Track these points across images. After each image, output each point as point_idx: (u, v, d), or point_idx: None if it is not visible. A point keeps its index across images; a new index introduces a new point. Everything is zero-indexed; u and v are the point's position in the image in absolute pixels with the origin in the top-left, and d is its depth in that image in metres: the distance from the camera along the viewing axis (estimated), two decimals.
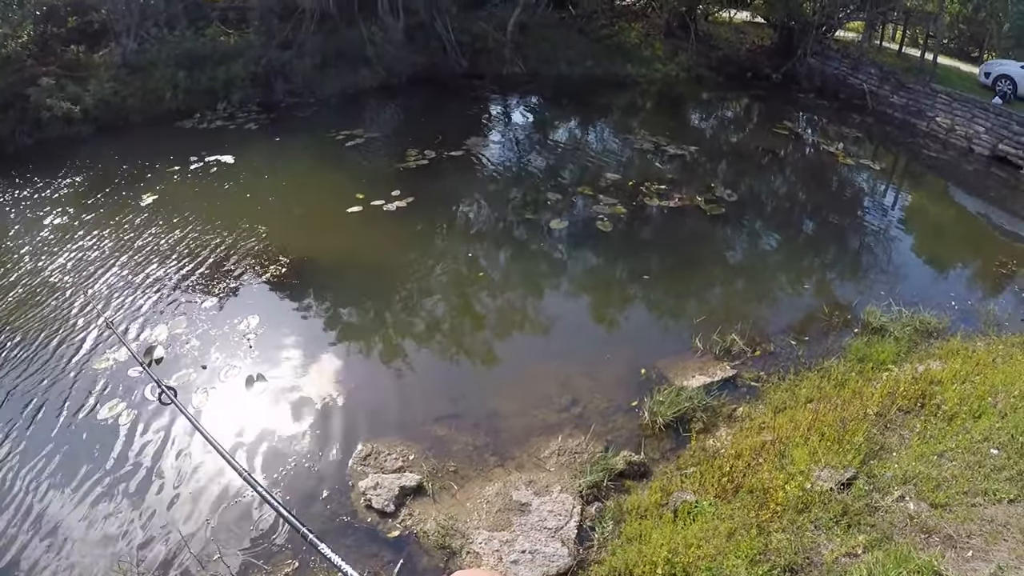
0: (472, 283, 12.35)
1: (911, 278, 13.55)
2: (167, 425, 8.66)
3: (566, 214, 14.95)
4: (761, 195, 17.75)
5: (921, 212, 18.30)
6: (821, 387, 9.37)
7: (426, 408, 9.16)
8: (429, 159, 17.27)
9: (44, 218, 13.91)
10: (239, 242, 12.95)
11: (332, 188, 15.62)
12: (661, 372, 9.89)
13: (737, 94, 27.48)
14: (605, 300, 12.19)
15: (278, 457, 8.24)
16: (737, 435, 8.49)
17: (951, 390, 8.69)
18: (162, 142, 17.91)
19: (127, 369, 9.61)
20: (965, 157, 21.84)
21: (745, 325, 10.91)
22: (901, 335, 10.77)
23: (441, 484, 7.86)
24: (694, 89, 27.35)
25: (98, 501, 7.63)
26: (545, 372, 9.88)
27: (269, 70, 21.42)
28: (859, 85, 26.36)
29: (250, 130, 19.35)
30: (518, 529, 7.17)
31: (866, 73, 26.62)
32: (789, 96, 27.06)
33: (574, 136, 21.71)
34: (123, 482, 7.88)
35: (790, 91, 27.41)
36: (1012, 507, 6.53)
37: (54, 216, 13.99)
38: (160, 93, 19.77)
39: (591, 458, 8.20)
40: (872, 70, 26.57)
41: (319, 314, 11.31)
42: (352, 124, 19.50)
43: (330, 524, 7.36)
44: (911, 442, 7.71)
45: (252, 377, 9.52)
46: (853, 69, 27.16)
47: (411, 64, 23.94)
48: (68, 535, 7.25)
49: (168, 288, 11.54)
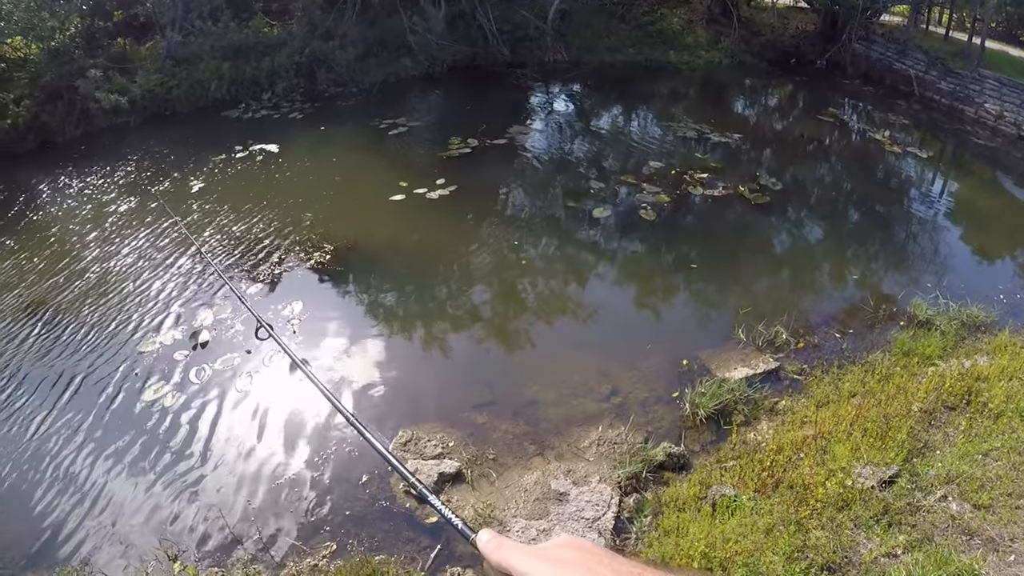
0: (514, 271, 12.38)
1: (958, 270, 13.32)
2: (209, 408, 8.86)
3: (609, 203, 14.92)
4: (806, 184, 17.60)
5: (969, 201, 17.98)
6: (865, 381, 9.28)
7: (466, 395, 9.23)
8: (472, 147, 17.31)
9: (94, 206, 14.22)
10: (284, 228, 13.11)
11: (375, 176, 15.72)
12: (703, 363, 9.87)
13: (781, 80, 27.17)
14: (647, 289, 12.16)
15: (320, 441, 8.39)
16: (778, 429, 8.46)
17: (998, 387, 8.53)
18: (208, 131, 18.18)
19: (173, 353, 9.83)
20: (1015, 144, 21.34)
21: (789, 316, 10.83)
22: (948, 329, 10.59)
23: (480, 471, 7.93)
24: (737, 76, 27.10)
25: (142, 481, 7.84)
26: (585, 361, 9.92)
27: (312, 60, 21.59)
28: (905, 71, 25.92)
29: (294, 119, 19.52)
30: (555, 518, 7.22)
31: (912, 58, 26.15)
32: (834, 82, 26.70)
33: (616, 124, 21.61)
34: (166, 462, 8.09)
35: (835, 77, 27.04)
36: None
37: (103, 204, 14.32)
38: (205, 84, 20.04)
39: (630, 449, 8.21)
40: (918, 55, 26.09)
41: (362, 301, 11.43)
42: (395, 113, 19.58)
43: (369, 508, 7.48)
44: (956, 440, 7.61)
45: (295, 363, 9.60)
46: (899, 54, 26.69)
47: (452, 53, 23.97)
48: (116, 513, 7.49)
49: (214, 274, 11.71)
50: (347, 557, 6.85)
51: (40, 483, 7.87)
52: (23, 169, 16.56)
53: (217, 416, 8.76)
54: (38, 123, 17.87)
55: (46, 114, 17.90)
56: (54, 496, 7.71)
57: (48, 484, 7.86)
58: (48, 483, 7.87)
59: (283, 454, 8.21)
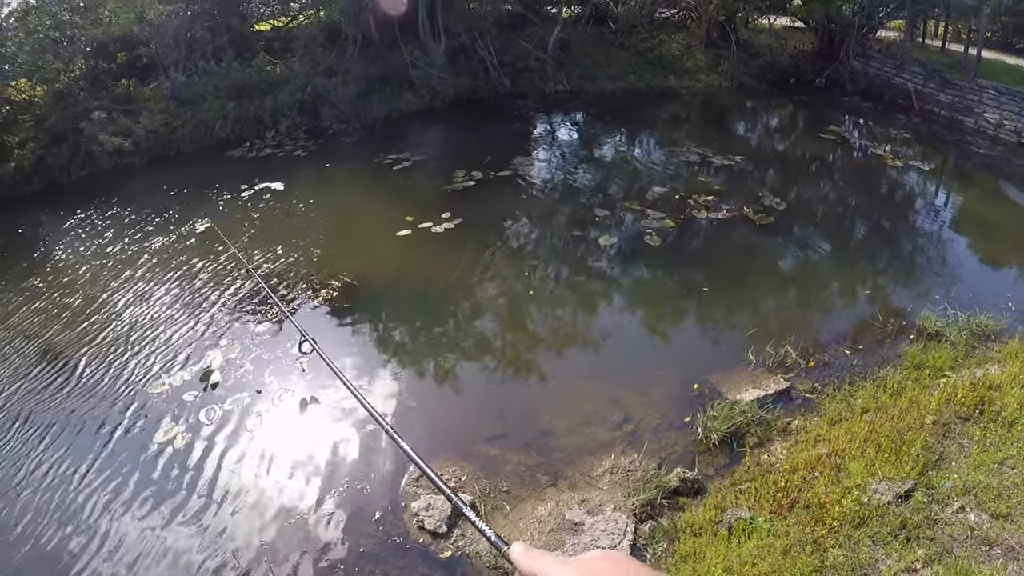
0: (522, 302, 12.42)
1: (965, 280, 13.31)
2: (220, 449, 8.88)
3: (614, 230, 14.98)
4: (810, 202, 17.64)
5: (973, 212, 18.01)
6: (877, 397, 9.25)
7: (478, 428, 9.23)
8: (476, 180, 17.39)
9: (101, 248, 14.32)
10: (291, 267, 13.18)
11: (381, 212, 15.81)
12: (714, 386, 9.86)
13: (781, 101, 27.31)
14: (655, 315, 12.18)
15: (332, 478, 8.39)
16: (792, 449, 8.43)
17: (1011, 395, 8.50)
18: (213, 171, 18.31)
19: (182, 394, 9.85)
20: (1015, 152, 21.40)
21: (798, 336, 10.83)
22: (957, 339, 10.58)
23: (493, 504, 7.92)
24: (737, 98, 27.26)
25: (156, 523, 7.85)
26: (596, 389, 9.91)
27: (315, 97, 21.76)
28: (903, 85, 26.03)
29: (299, 157, 19.65)
30: (571, 549, 7.18)
31: (910, 72, 26.25)
32: (833, 100, 26.84)
33: (619, 151, 21.74)
34: (179, 504, 8.10)
35: (834, 95, 27.18)
36: None
37: (110, 246, 14.40)
38: (210, 124, 20.21)
39: (644, 476, 8.19)
40: (916, 69, 26.18)
41: (371, 336, 11.46)
42: (398, 148, 19.69)
43: (383, 546, 7.46)
44: (971, 451, 7.59)
45: (306, 400, 9.70)
46: (897, 69, 26.81)
47: (454, 86, 24.15)
48: (130, 556, 7.48)
49: (222, 313, 11.82)
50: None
51: (53, 526, 7.88)
52: (28, 212, 16.71)
53: (228, 456, 8.77)
54: (43, 165, 18.05)
55: (51, 156, 18.09)
56: (67, 539, 7.71)
57: (60, 527, 7.87)
58: (60, 526, 7.88)
59: (295, 493, 8.21)
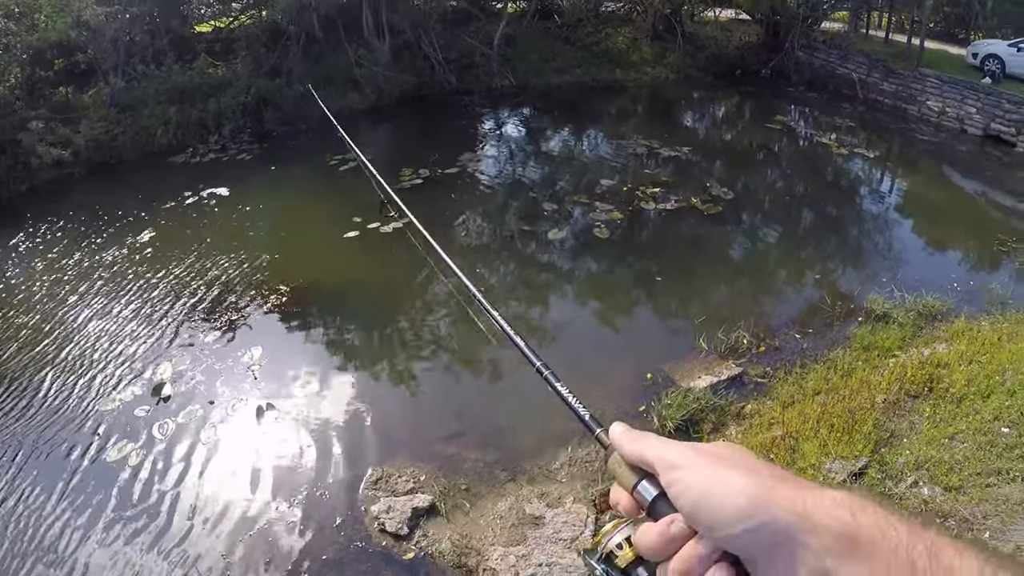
0: (473, 299, 12.29)
1: (912, 263, 13.51)
2: (176, 463, 8.65)
3: (564, 223, 14.93)
4: (758, 191, 17.75)
5: (918, 196, 18.26)
6: (828, 378, 9.31)
7: (434, 428, 9.14)
8: (424, 178, 17.24)
9: (43, 263, 13.93)
10: (239, 274, 12.94)
11: (329, 214, 15.63)
12: (667, 375, 9.85)
13: (727, 92, 27.50)
14: (606, 307, 12.17)
15: (290, 486, 8.22)
16: (747, 432, 8.45)
17: (958, 372, 8.65)
18: (156, 179, 17.93)
19: (133, 409, 9.60)
20: (958, 138, 21.85)
21: (749, 322, 10.86)
22: (905, 320, 10.72)
23: (453, 503, 7.83)
24: (684, 90, 27.39)
25: (113, 542, 7.60)
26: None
27: (259, 99, 21.42)
28: (848, 75, 26.36)
29: (243, 161, 19.34)
30: (533, 543, 7.12)
31: (854, 62, 26.59)
32: (779, 90, 27.09)
33: (567, 145, 21.76)
34: (137, 521, 7.85)
35: (780, 86, 27.44)
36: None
37: (53, 260, 14.00)
38: (151, 130, 19.75)
39: (602, 466, 8.09)
40: (860, 59, 26.53)
41: (322, 341, 11.30)
42: (344, 148, 19.33)
43: (345, 551, 7.33)
44: (921, 427, 7.68)
45: (260, 408, 9.49)
46: (841, 59, 27.15)
47: (400, 84, 23.96)
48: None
49: (171, 324, 11.52)
50: None
51: (8, 555, 7.67)
52: None
53: (184, 470, 8.54)
54: None
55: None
56: (21, 565, 7.50)
57: (14, 555, 7.63)
58: (14, 554, 7.64)
59: (254, 503, 8.04)
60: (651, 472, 1.11)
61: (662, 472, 1.08)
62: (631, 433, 1.19)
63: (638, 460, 1.13)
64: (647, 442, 1.13)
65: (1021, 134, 20.66)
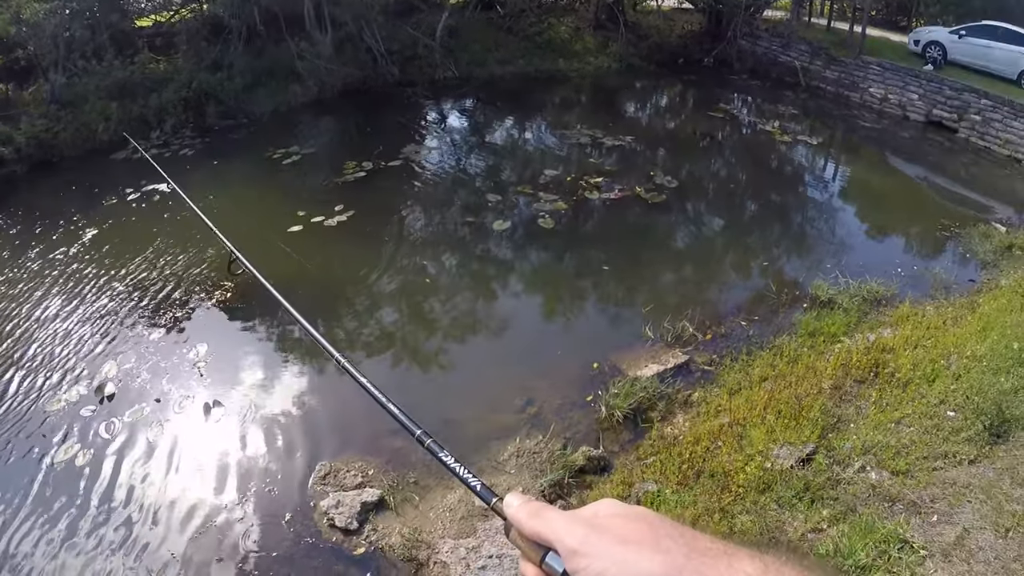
0: (418, 291, 12.19)
1: (856, 249, 13.63)
2: (123, 463, 8.43)
3: (508, 214, 14.81)
4: (702, 179, 17.80)
5: (861, 182, 18.43)
6: (774, 365, 9.35)
7: (381, 421, 8.87)
8: (367, 171, 17.00)
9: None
10: (183, 269, 12.66)
11: (272, 208, 15.35)
12: (614, 364, 9.81)
13: (670, 81, 27.60)
14: (552, 297, 12.12)
15: (238, 483, 8.07)
16: (694, 420, 8.45)
17: (904, 356, 8.75)
18: (98, 176, 17.51)
19: (79, 409, 9.34)
20: (900, 125, 22.18)
21: (695, 310, 10.87)
22: (850, 306, 10.80)
23: (403, 496, 7.74)
24: (627, 79, 27.40)
25: (60, 545, 7.39)
26: (498, 375, 9.84)
27: (200, 94, 21.00)
28: (791, 63, 26.56)
29: (186, 156, 18.93)
30: (483, 535, 7.09)
31: (797, 50, 26.82)
32: (722, 79, 27.21)
33: (510, 136, 21.63)
34: (85, 523, 7.64)
35: (722, 74, 27.56)
36: (973, 468, 6.53)
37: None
38: (92, 126, 19.26)
39: (550, 456, 8.11)
40: (803, 47, 26.77)
41: (268, 336, 11.10)
42: (287, 141, 19.19)
43: (295, 547, 7.22)
44: (868, 412, 7.72)
45: (207, 405, 9.30)
46: (784, 47, 27.36)
47: (342, 77, 23.65)
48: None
49: (114, 323, 11.23)
50: None
51: None
52: None
53: (132, 470, 8.33)
54: None
55: None
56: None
57: None
58: None
59: (203, 501, 7.86)
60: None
61: (565, 558, 1.00)
62: (528, 507, 1.11)
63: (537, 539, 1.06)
64: (545, 520, 1.05)
65: (962, 120, 20.99)
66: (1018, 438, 6.98)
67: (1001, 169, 19.10)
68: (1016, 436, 7.02)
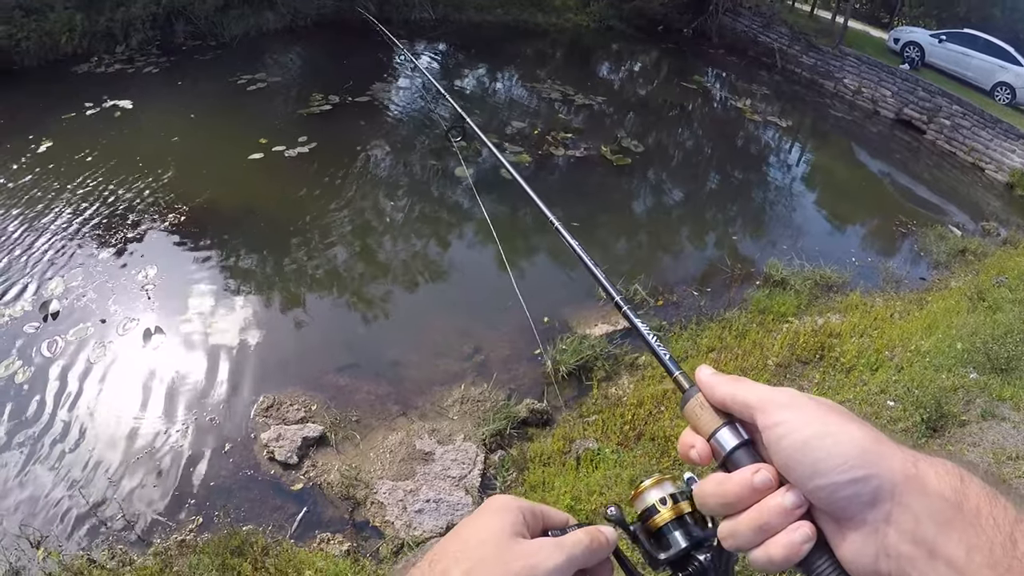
0: (374, 231, 12.08)
1: (813, 234, 13.77)
2: (64, 382, 8.26)
3: (471, 162, 14.70)
4: (668, 147, 17.84)
5: (825, 170, 18.61)
6: (723, 337, 9.43)
7: (328, 358, 8.94)
8: (333, 104, 16.77)
9: None
10: (137, 189, 12.35)
11: (234, 134, 15.06)
12: (564, 321, 9.84)
13: (647, 47, 27.50)
14: (508, 248, 11.95)
15: (180, 409, 7.95)
16: (639, 384, 8.50)
17: (850, 343, 8.88)
18: (59, 87, 17.01)
19: (22, 325, 9.10)
20: (870, 119, 22.46)
21: (648, 275, 10.93)
22: (802, 288, 10.92)
23: (344, 434, 7.69)
24: (604, 40, 27.30)
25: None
26: (447, 321, 9.79)
27: (170, 11, 20.45)
28: (769, 44, 26.64)
29: (150, 74, 18.48)
30: (422, 478, 7.10)
31: (777, 32, 26.91)
32: (700, 51, 27.24)
33: (481, 84, 21.49)
34: (21, 442, 7.48)
35: (700, 46, 27.61)
36: None
37: None
38: (56, 36, 18.76)
39: (494, 406, 8.12)
40: (783, 29, 26.87)
41: (218, 264, 10.90)
42: (255, 68, 18.83)
43: (234, 478, 7.15)
44: (809, 392, 7.74)
45: (150, 330, 9.09)
46: (764, 27, 27.42)
47: (317, 7, 23.25)
48: None
49: (63, 239, 10.91)
50: (215, 530, 6.48)
51: None
52: None
53: (72, 389, 8.17)
54: None
55: None
56: None
57: None
58: None
59: (143, 424, 7.74)
60: (740, 418, 1.00)
61: (765, 413, 0.95)
62: (725, 375, 1.06)
63: (733, 401, 1.01)
64: (747, 384, 1.01)
65: (932, 122, 21.23)
66: (953, 434, 7.11)
67: (963, 175, 19.42)
68: (952, 431, 7.14)
